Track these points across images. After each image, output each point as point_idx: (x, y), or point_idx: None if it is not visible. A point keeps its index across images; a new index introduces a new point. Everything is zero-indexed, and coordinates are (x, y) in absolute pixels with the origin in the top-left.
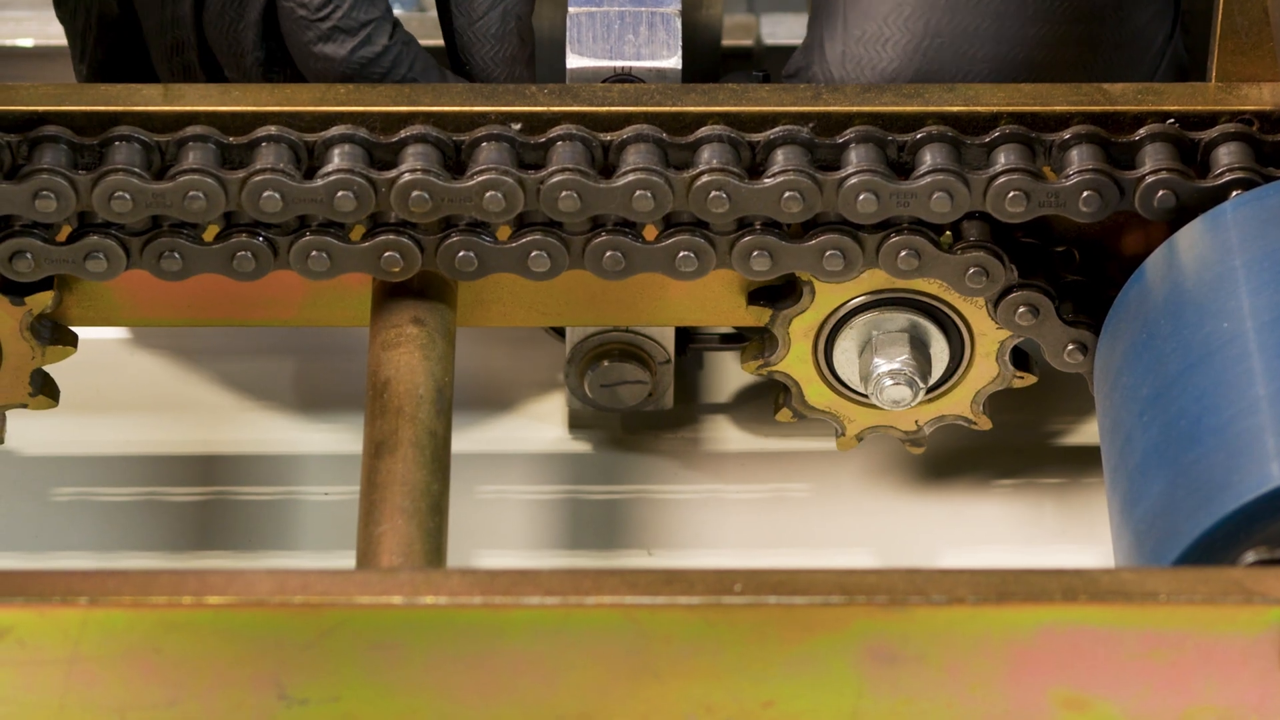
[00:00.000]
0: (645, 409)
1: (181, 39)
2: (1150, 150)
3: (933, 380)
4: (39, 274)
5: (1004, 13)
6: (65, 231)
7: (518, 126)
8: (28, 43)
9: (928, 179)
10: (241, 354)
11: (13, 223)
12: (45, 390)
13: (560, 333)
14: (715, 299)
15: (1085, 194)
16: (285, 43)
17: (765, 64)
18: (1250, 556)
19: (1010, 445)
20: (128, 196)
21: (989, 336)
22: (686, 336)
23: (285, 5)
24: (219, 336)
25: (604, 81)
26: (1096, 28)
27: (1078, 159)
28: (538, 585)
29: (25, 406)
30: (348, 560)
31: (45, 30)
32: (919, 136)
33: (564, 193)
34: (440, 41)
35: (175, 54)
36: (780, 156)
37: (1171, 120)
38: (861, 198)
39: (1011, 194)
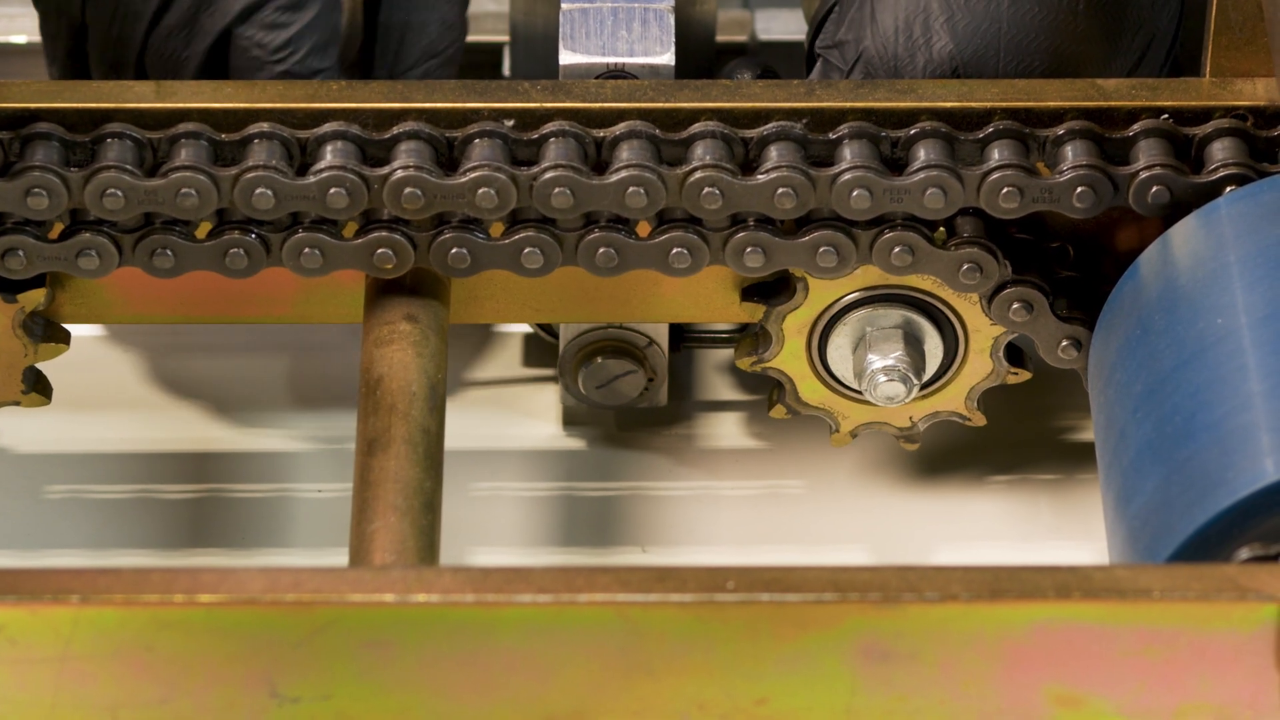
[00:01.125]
0: (640, 404)
1: (122, 59)
2: (1144, 146)
3: (927, 376)
4: (31, 271)
5: (1056, 4)
6: (57, 229)
7: (510, 123)
8: (20, 39)
9: (921, 175)
10: (234, 351)
11: (4, 220)
12: (37, 388)
13: (554, 334)
14: (708, 295)
15: (1079, 190)
16: (230, 75)
17: (763, 60)
18: (1244, 553)
19: (1005, 441)
20: (120, 194)
21: (983, 333)
22: (680, 333)
23: (243, 42)
24: (211, 334)
25: (597, 78)
26: (1127, 25)
27: (1071, 155)
28: (530, 583)
29: (18, 404)
30: (340, 558)
31: (38, 27)
32: (912, 132)
33: (557, 189)
34: None
35: (111, 73)
36: (773, 153)
37: (1165, 116)
38: (855, 194)
39: (1005, 190)
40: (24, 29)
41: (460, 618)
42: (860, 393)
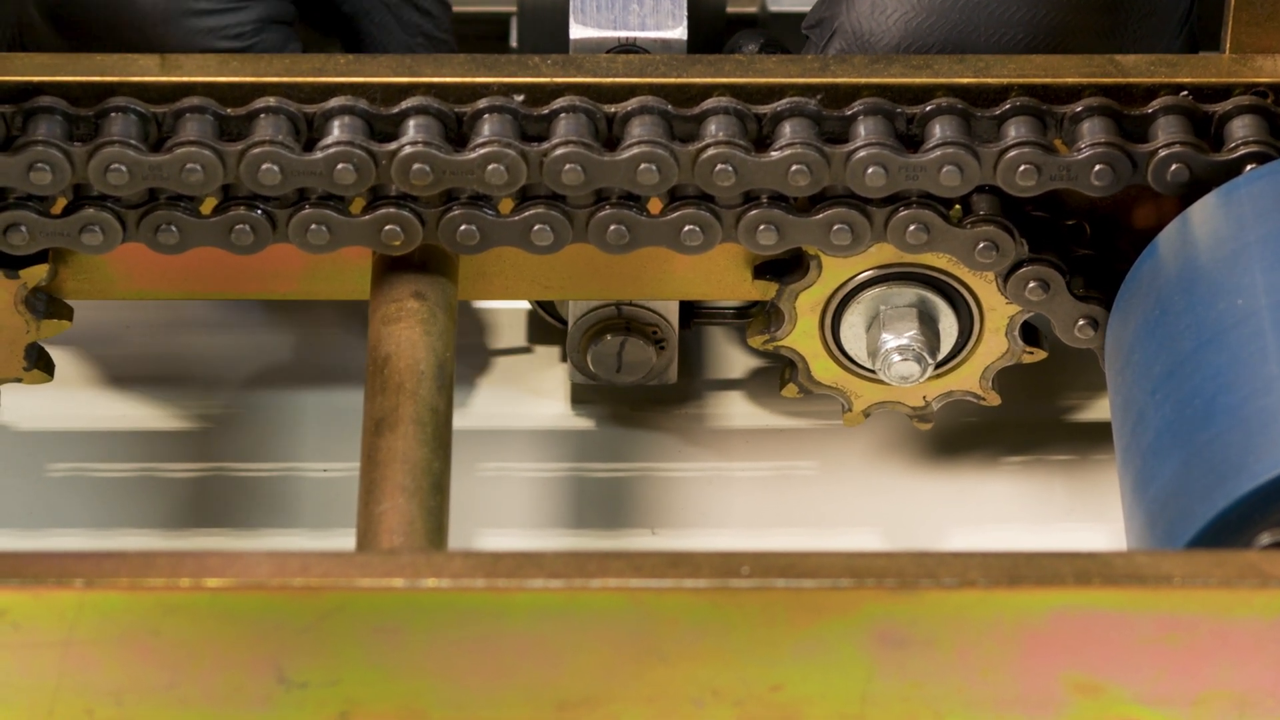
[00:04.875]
0: (649, 382)
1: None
2: (1163, 123)
3: (941, 356)
4: (34, 247)
5: None
6: (60, 204)
7: (520, 98)
8: None
9: (937, 152)
10: (239, 328)
11: (7, 195)
12: (40, 364)
13: (554, 315)
14: (720, 273)
15: (1097, 167)
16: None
17: (771, 31)
18: (1266, 538)
19: (1019, 422)
20: (124, 169)
21: (998, 311)
22: (691, 310)
23: None
24: (216, 310)
25: (608, 52)
26: None
27: (1089, 132)
28: (541, 568)
29: (20, 381)
30: (347, 538)
31: None
32: (928, 109)
33: (567, 165)
34: None
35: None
36: (787, 129)
37: (1185, 92)
38: (870, 171)
39: (1022, 167)
40: None
41: (471, 603)
42: (874, 372)
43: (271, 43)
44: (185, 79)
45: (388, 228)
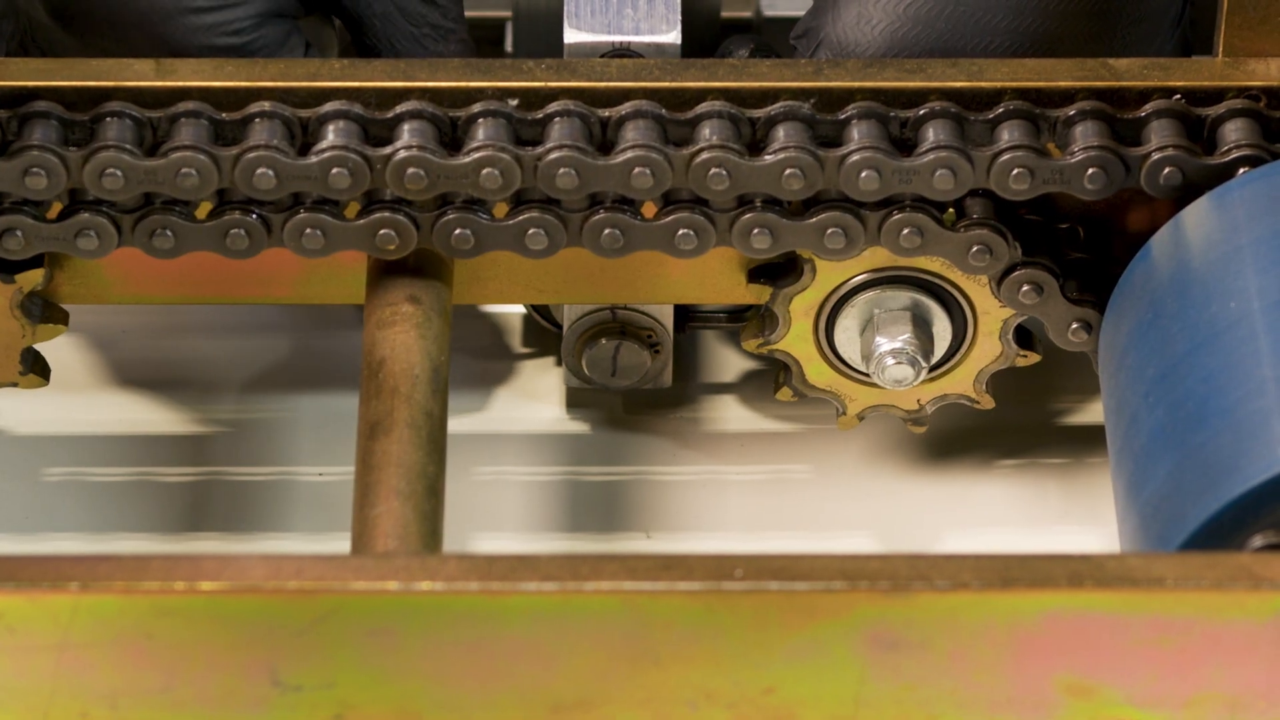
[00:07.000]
0: (644, 386)
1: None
2: (1156, 126)
3: (935, 359)
4: (29, 251)
5: None
6: (56, 208)
7: (514, 102)
8: None
9: (930, 156)
10: (235, 332)
11: (2, 200)
12: (35, 369)
13: (549, 319)
14: (715, 277)
15: (1090, 171)
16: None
17: (765, 36)
18: (1258, 541)
19: (1013, 425)
20: (119, 173)
21: (992, 315)
22: (685, 314)
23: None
24: (212, 314)
25: (602, 57)
26: (1115, 1)
27: (1082, 135)
28: (536, 571)
29: (15, 385)
30: (342, 542)
31: None
32: (922, 113)
33: (562, 170)
34: None
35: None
36: (781, 133)
37: (1178, 96)
38: (864, 175)
39: (1015, 171)
40: None
41: (465, 606)
42: (868, 375)
43: (272, 37)
44: (180, 84)
45: (382, 232)
